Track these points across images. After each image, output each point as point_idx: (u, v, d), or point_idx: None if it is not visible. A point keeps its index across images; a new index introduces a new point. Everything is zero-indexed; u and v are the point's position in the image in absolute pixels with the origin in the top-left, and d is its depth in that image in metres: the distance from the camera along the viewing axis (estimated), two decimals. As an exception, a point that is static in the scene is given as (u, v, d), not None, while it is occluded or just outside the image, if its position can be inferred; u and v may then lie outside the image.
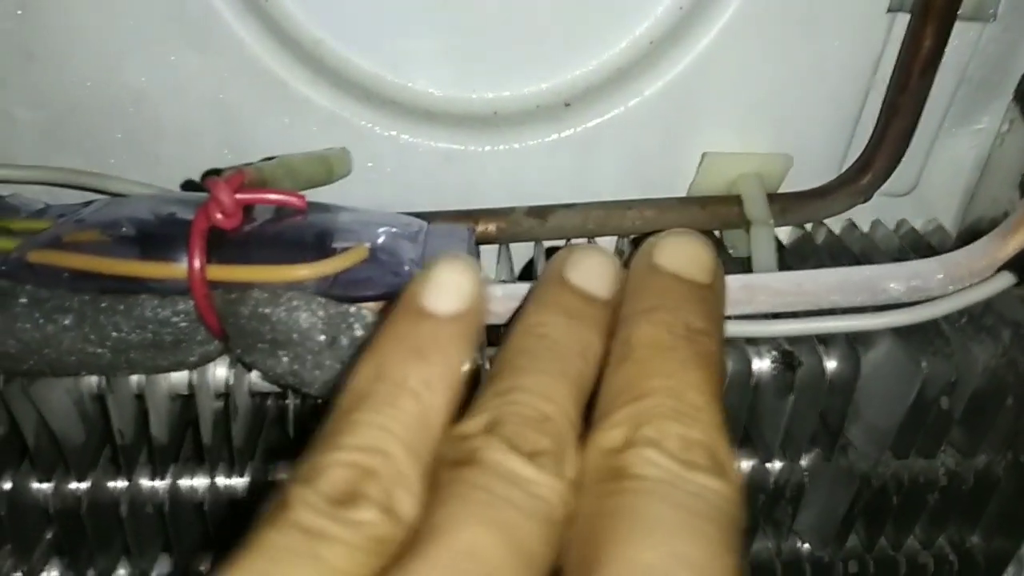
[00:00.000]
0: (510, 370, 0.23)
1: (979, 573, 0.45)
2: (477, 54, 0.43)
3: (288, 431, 0.36)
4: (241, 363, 0.31)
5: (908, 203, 0.49)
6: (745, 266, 0.42)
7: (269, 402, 0.39)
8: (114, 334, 0.28)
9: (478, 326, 0.24)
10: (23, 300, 0.27)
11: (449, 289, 0.23)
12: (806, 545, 0.44)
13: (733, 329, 0.33)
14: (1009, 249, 0.31)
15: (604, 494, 0.20)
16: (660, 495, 0.20)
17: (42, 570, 0.39)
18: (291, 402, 0.35)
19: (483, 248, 0.43)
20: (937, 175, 0.48)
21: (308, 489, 0.19)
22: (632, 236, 0.44)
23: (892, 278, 0.31)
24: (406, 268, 0.29)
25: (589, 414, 0.23)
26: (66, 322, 0.27)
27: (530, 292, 0.26)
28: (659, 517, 0.19)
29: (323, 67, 0.41)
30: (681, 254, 0.26)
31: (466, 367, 0.23)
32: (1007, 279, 0.30)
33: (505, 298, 0.31)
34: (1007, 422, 0.39)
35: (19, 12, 0.38)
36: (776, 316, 0.34)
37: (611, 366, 0.24)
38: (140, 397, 0.34)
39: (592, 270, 0.26)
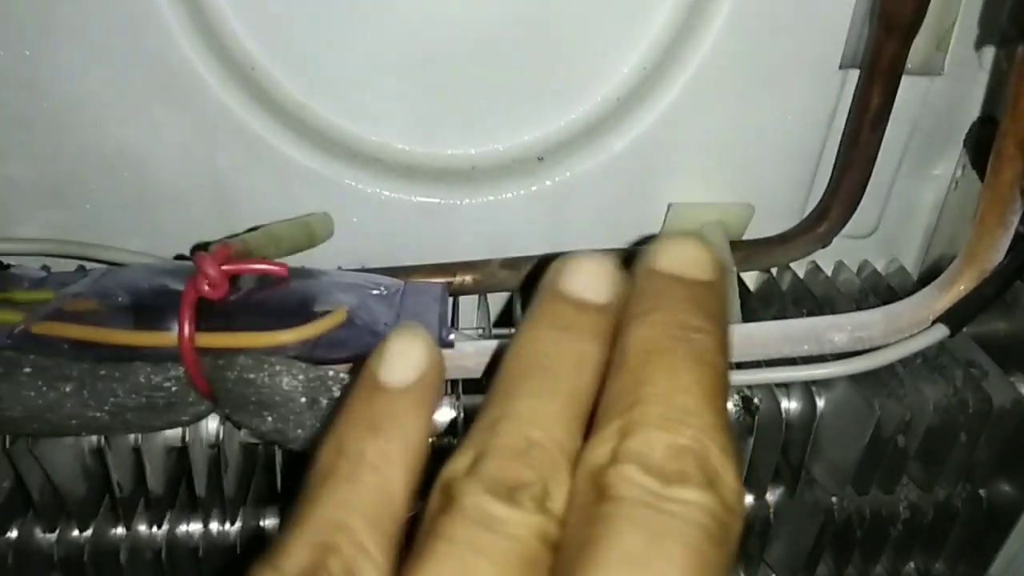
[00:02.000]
0: (498, 398, 0.23)
1: (944, 600, 0.47)
2: (454, 112, 0.45)
3: (276, 477, 0.38)
4: (230, 421, 0.33)
5: (871, 244, 0.51)
6: (712, 310, 0.44)
7: (260, 448, 0.41)
8: (111, 399, 0.30)
9: (434, 393, 0.24)
10: (27, 369, 0.29)
11: (400, 361, 0.24)
12: (776, 576, 0.46)
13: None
14: (944, 302, 0.33)
15: (585, 521, 0.20)
16: (635, 521, 0.19)
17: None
18: (279, 450, 0.37)
19: (462, 298, 0.45)
20: (897, 218, 0.51)
21: (275, 573, 0.20)
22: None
23: (836, 329, 0.33)
24: (381, 330, 0.32)
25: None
26: (67, 389, 0.29)
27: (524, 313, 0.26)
28: (631, 549, 0.19)
29: (307, 129, 0.44)
30: (679, 255, 0.25)
31: (426, 435, 0.24)
32: (941, 331, 0.32)
33: (477, 354, 0.33)
34: (962, 457, 0.40)
35: (18, 81, 0.40)
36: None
37: (609, 375, 0.23)
38: (137, 451, 0.36)
39: (585, 275, 0.25)
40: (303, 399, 0.30)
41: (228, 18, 0.40)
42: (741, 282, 0.45)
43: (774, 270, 0.49)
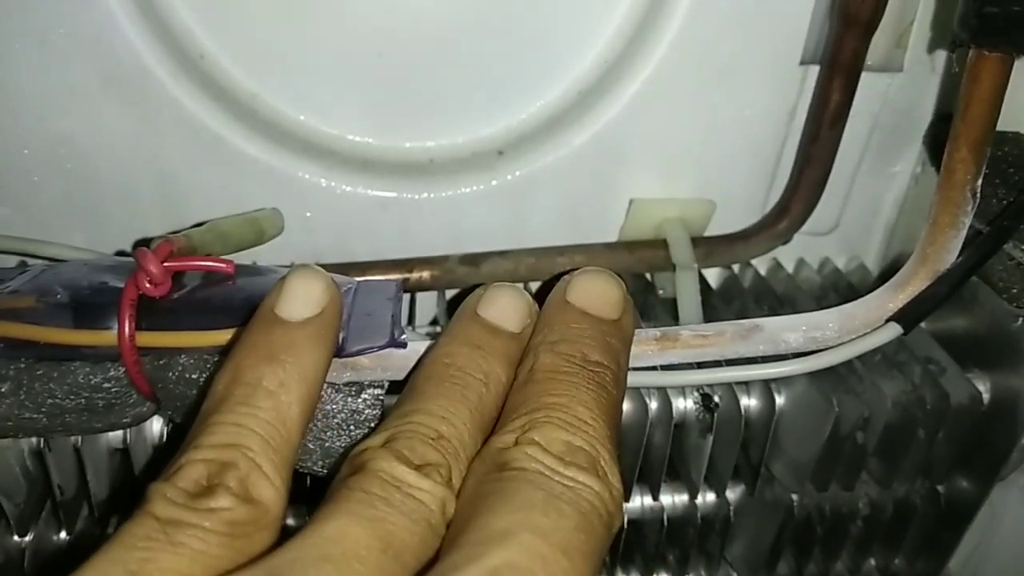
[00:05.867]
0: (415, 394, 0.25)
1: (904, 596, 0.47)
2: (411, 104, 0.44)
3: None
4: (173, 423, 0.32)
5: (832, 241, 0.51)
6: (673, 305, 0.44)
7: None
8: (49, 400, 0.29)
9: (332, 331, 0.26)
10: (-40, 369, 0.28)
11: (299, 297, 0.26)
12: (737, 575, 0.46)
13: (652, 379, 0.35)
14: (898, 302, 0.33)
15: (485, 481, 0.22)
16: (533, 482, 0.21)
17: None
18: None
19: (420, 295, 0.44)
20: (858, 215, 0.51)
21: (167, 484, 0.21)
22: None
23: (790, 329, 0.32)
24: (332, 329, 0.31)
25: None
26: (2, 389, 0.28)
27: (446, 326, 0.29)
28: (526, 497, 0.21)
29: (258, 121, 0.42)
30: (590, 291, 0.28)
31: (322, 372, 0.25)
32: (894, 330, 0.32)
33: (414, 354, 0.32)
34: (920, 453, 0.41)
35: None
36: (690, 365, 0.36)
37: (513, 390, 0.26)
38: (78, 452, 0.34)
39: (503, 306, 0.28)
40: (248, 400, 0.29)
41: (175, 3, 0.39)
42: (702, 279, 0.45)
43: (736, 267, 0.49)
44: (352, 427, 0.29)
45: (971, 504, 0.44)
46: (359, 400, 0.29)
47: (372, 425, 0.29)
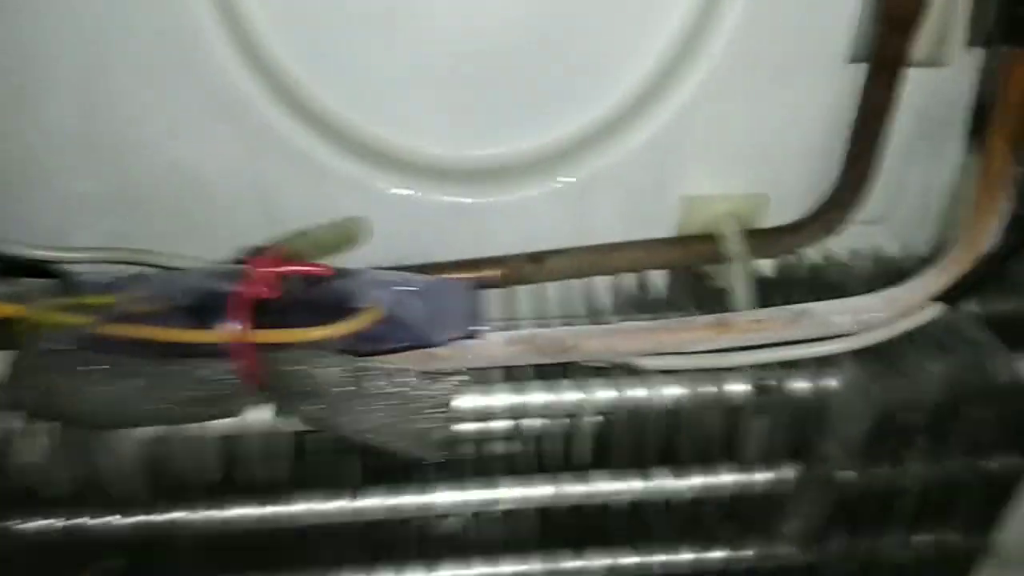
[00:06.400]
0: None
1: (955, 568, 0.49)
2: (482, 115, 0.48)
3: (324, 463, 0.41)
4: (281, 411, 0.36)
5: (883, 231, 0.53)
6: (728, 297, 0.46)
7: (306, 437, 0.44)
8: (178, 392, 0.33)
9: None
10: (100, 368, 0.33)
11: None
12: (792, 549, 0.48)
13: (709, 362, 0.38)
14: (941, 284, 0.35)
15: None
16: None
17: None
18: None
19: (489, 292, 0.48)
20: (908, 205, 0.52)
21: None
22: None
23: (839, 313, 0.35)
24: (416, 326, 0.34)
25: None
26: (138, 383, 0.33)
27: None
28: None
29: (343, 138, 0.46)
30: None
31: None
32: (938, 309, 0.34)
33: (505, 344, 0.36)
34: (967, 432, 0.43)
35: (80, 105, 0.44)
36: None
37: None
38: (193, 440, 0.39)
39: None
40: (347, 388, 0.33)
41: (269, 37, 0.43)
42: (757, 270, 0.47)
43: (790, 258, 0.51)
44: (435, 411, 0.32)
45: (1016, 479, 0.45)
46: (442, 386, 0.33)
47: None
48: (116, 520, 0.41)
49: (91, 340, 0.33)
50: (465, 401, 0.39)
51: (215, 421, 0.37)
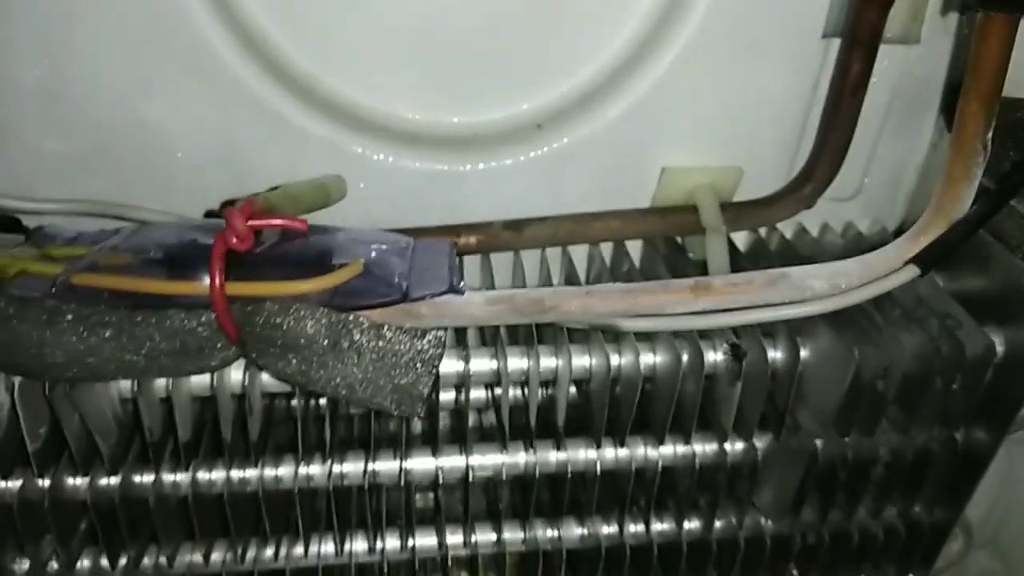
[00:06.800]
0: None
1: (925, 541, 0.50)
2: (458, 82, 0.47)
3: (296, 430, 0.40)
4: (256, 366, 0.35)
5: (855, 207, 0.54)
6: (703, 269, 0.47)
7: (277, 402, 0.44)
8: (148, 343, 0.32)
9: None
10: (69, 317, 0.32)
11: None
12: (765, 521, 0.49)
13: (687, 323, 0.38)
14: (915, 249, 0.35)
15: None
16: None
17: (79, 557, 0.43)
18: (297, 403, 0.39)
19: (465, 259, 0.47)
20: (880, 181, 0.53)
21: None
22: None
23: (815, 277, 0.35)
24: (396, 280, 0.34)
25: None
26: (106, 334, 0.32)
27: None
28: None
29: (317, 100, 0.46)
30: None
31: None
32: (912, 271, 0.35)
33: (485, 303, 0.36)
34: (937, 401, 0.43)
35: (46, 59, 0.43)
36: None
37: None
38: (166, 400, 0.38)
39: None
40: (325, 341, 0.32)
41: (243, -7, 0.43)
42: (731, 243, 0.48)
43: (763, 231, 0.52)
44: (418, 365, 0.32)
45: (986, 453, 0.46)
46: (424, 341, 0.32)
47: (436, 364, 0.32)
48: (82, 482, 0.40)
49: (59, 289, 0.32)
50: (444, 366, 0.39)
51: (187, 379, 0.37)
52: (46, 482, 0.40)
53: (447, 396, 0.50)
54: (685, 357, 0.41)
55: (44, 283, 0.32)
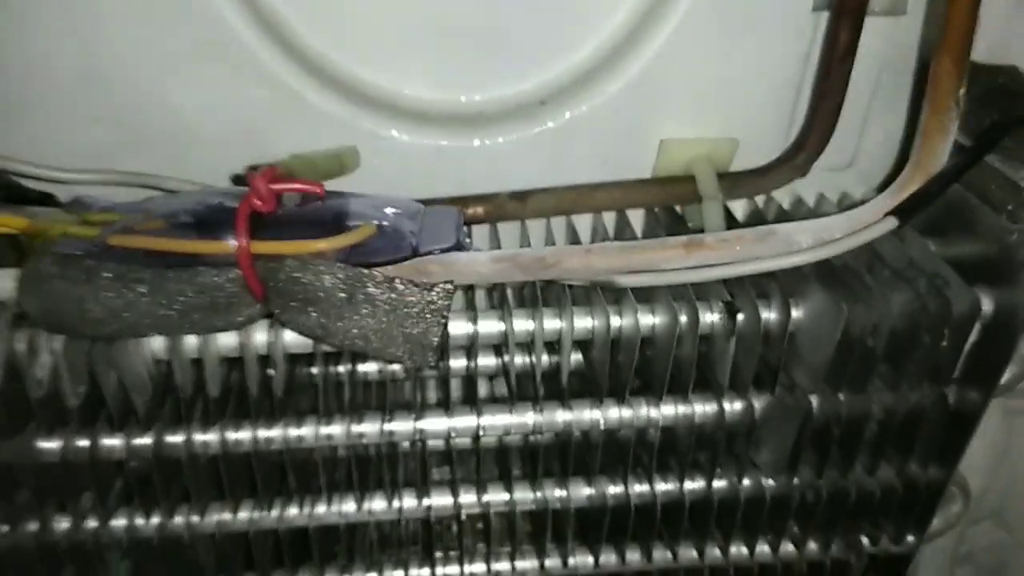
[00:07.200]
0: None
1: (921, 499, 0.51)
2: (463, 61, 0.50)
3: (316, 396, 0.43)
4: (279, 321, 0.38)
5: (849, 176, 0.56)
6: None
7: (298, 369, 0.46)
8: (180, 299, 0.35)
9: None
10: (107, 274, 0.35)
11: None
12: (765, 479, 0.51)
13: (681, 278, 0.40)
14: (895, 203, 0.37)
15: None
16: None
17: (115, 513, 0.46)
18: (318, 369, 0.42)
19: (473, 228, 0.50)
20: (872, 151, 0.55)
21: None
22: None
23: (802, 232, 0.37)
24: (407, 240, 0.37)
25: None
26: (142, 290, 0.35)
27: None
28: None
29: (331, 79, 0.49)
30: None
31: None
32: (891, 222, 0.37)
33: (491, 262, 0.38)
34: (925, 357, 0.45)
35: (75, 42, 0.45)
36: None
37: None
38: (196, 361, 0.41)
39: None
40: (342, 294, 0.35)
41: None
42: (729, 212, 0.50)
43: (760, 200, 0.54)
44: (428, 315, 0.35)
45: (976, 410, 0.48)
46: (433, 292, 0.35)
47: (445, 314, 0.35)
48: (119, 440, 0.43)
49: (98, 249, 0.35)
50: (454, 328, 0.42)
51: (216, 339, 0.39)
52: (85, 441, 0.43)
53: (458, 363, 0.52)
54: (683, 317, 0.43)
55: (84, 244, 0.35)
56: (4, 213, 0.36)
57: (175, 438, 0.43)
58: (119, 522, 0.46)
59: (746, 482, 0.51)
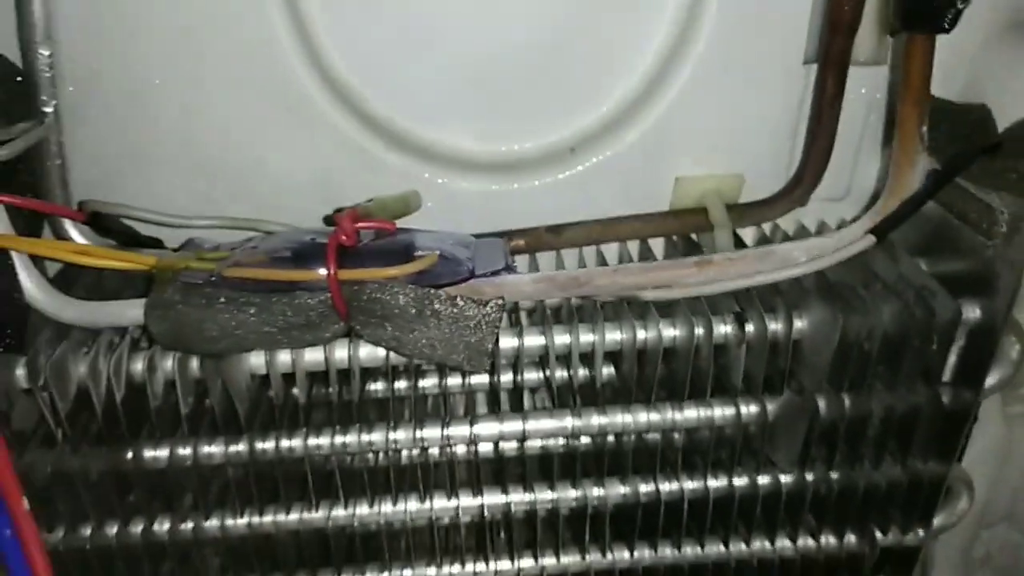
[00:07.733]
0: None
1: (924, 493, 0.57)
2: (504, 118, 0.58)
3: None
4: (359, 336, 0.45)
5: (846, 206, 0.63)
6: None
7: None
8: (280, 318, 0.43)
9: None
10: (222, 299, 0.43)
11: None
12: (782, 475, 0.56)
13: (695, 291, 0.47)
14: (873, 223, 0.44)
15: None
16: None
17: (212, 515, 0.53)
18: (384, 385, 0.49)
19: (516, 257, 0.57)
20: (865, 183, 0.62)
21: None
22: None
23: (797, 250, 0.44)
24: (464, 266, 0.44)
25: None
26: (252, 311, 0.42)
27: None
28: None
29: (392, 136, 0.57)
30: None
31: None
32: (870, 239, 0.44)
33: (533, 282, 0.46)
34: (916, 360, 0.51)
35: (181, 111, 0.54)
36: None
37: None
38: (288, 375, 0.48)
39: None
40: (412, 311, 0.42)
41: (332, 51, 0.54)
42: (737, 237, 0.57)
43: (767, 228, 0.61)
44: (484, 327, 0.42)
45: (967, 408, 0.53)
46: (487, 307, 0.42)
47: (497, 325, 0.42)
48: (219, 448, 0.50)
49: (215, 279, 0.43)
50: (502, 342, 0.49)
51: (303, 353, 0.47)
52: (188, 449, 0.50)
53: (505, 377, 0.59)
54: (699, 329, 0.49)
55: (203, 275, 0.43)
56: (135, 253, 0.44)
57: (267, 444, 0.51)
58: (214, 522, 0.53)
59: (764, 478, 0.56)
